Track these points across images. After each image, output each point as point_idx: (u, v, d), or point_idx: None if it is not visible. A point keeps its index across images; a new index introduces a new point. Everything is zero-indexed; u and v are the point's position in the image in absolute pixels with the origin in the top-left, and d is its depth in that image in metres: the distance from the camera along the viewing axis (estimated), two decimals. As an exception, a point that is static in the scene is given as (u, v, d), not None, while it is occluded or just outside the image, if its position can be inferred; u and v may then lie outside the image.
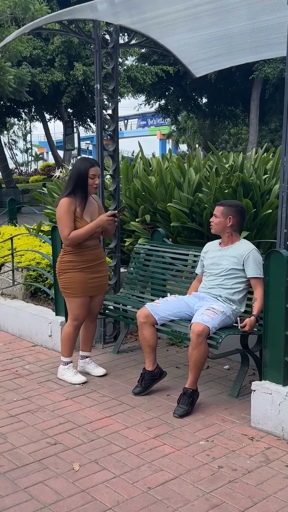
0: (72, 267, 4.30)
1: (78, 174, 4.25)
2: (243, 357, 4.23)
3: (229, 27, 4.93)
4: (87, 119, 26.19)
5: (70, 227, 4.21)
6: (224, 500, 2.89)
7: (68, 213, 4.21)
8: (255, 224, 5.91)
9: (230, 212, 4.16)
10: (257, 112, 26.95)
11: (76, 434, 3.61)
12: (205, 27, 4.97)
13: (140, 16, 4.89)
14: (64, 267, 4.33)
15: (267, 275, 3.60)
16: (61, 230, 4.25)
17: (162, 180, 6.42)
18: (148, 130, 54.29)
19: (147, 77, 22.26)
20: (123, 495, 2.94)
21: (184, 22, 4.85)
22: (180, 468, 3.20)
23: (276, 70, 23.60)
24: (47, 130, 29.16)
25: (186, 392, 3.94)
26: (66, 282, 4.32)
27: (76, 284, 4.30)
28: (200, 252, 4.70)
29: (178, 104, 30.21)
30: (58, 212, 4.24)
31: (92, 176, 4.27)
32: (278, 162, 6.73)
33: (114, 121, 5.23)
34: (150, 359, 4.18)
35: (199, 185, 6.22)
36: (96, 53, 5.07)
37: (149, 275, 5.19)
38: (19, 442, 3.52)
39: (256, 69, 23.76)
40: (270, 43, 5.02)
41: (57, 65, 19.96)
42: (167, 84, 28.75)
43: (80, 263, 4.31)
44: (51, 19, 4.77)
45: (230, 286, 4.12)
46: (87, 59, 20.36)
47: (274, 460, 3.27)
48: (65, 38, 19.20)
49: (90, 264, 4.35)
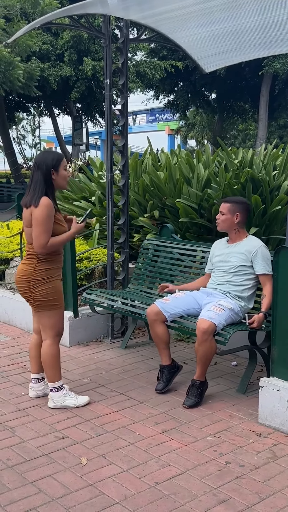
0: (51, 275, 3.78)
1: (47, 171, 3.69)
2: (251, 353, 4.23)
3: (240, 22, 4.91)
4: (95, 114, 26.14)
5: (50, 233, 3.67)
6: (231, 496, 2.89)
7: (51, 217, 3.66)
8: (264, 220, 5.89)
9: (237, 209, 4.15)
10: (266, 108, 26.82)
11: (84, 429, 3.63)
12: (215, 22, 4.95)
13: (151, 11, 4.88)
14: (41, 277, 3.75)
15: (276, 272, 3.60)
16: (38, 236, 3.63)
17: (171, 176, 6.41)
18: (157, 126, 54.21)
19: (156, 72, 22.17)
20: (131, 489, 2.95)
21: (194, 17, 4.84)
22: (188, 464, 3.20)
23: (286, 66, 23.47)
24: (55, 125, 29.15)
25: (195, 384, 3.97)
26: (46, 293, 3.76)
27: (58, 294, 3.82)
28: (208, 248, 4.71)
29: (187, 99, 30.10)
30: (39, 214, 3.62)
31: (65, 168, 3.81)
32: (287, 158, 6.71)
33: (123, 116, 5.22)
34: (165, 354, 4.20)
35: (208, 180, 6.20)
36: (106, 48, 5.07)
37: (158, 270, 5.19)
38: (27, 436, 3.54)
39: (265, 64, 23.63)
40: (281, 38, 5.00)
41: (66, 60, 19.91)
42: (176, 79, 28.65)
43: (57, 270, 3.85)
44: (62, 13, 4.77)
45: (239, 283, 4.11)
46: (96, 54, 20.30)
47: (282, 457, 3.27)
48: (75, 33, 19.15)
49: (60, 271, 3.93)
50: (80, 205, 7.03)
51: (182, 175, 6.37)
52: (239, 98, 29.95)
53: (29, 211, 3.70)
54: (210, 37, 5.29)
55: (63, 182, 3.79)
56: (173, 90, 30.19)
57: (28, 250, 3.81)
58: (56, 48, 19.92)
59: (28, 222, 3.74)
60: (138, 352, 5.03)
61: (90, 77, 20.08)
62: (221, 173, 6.14)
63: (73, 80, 20.37)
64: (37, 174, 3.68)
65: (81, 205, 7.02)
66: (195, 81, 27.34)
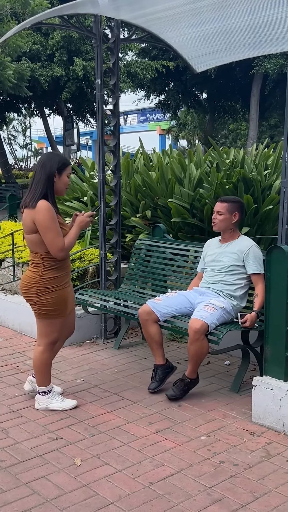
0: (57, 284, 3.67)
1: (51, 173, 3.58)
2: (244, 352, 4.24)
3: (230, 22, 4.91)
4: (86, 114, 26.12)
5: (61, 234, 3.57)
6: (225, 495, 2.90)
7: (55, 218, 3.54)
8: (256, 220, 5.91)
9: (235, 209, 4.17)
10: (257, 108, 26.88)
11: (78, 429, 3.62)
12: (206, 22, 4.95)
13: (141, 11, 4.87)
14: (47, 285, 3.64)
15: (269, 271, 3.61)
16: (53, 241, 3.53)
17: (163, 176, 6.42)
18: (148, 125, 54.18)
19: (147, 72, 22.18)
20: (125, 489, 2.95)
21: (185, 17, 4.84)
22: (182, 463, 3.20)
23: (276, 66, 23.53)
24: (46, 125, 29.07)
25: (184, 379, 4.00)
26: (50, 303, 3.67)
27: (61, 303, 3.71)
28: (200, 248, 4.72)
29: (178, 99, 30.13)
30: (44, 220, 3.50)
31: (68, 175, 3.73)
32: (279, 158, 6.74)
33: (115, 116, 5.22)
34: (159, 354, 4.20)
35: (200, 180, 6.22)
36: (97, 48, 5.06)
37: (150, 270, 5.20)
38: (20, 437, 3.53)
39: (256, 64, 23.68)
40: (271, 38, 5.01)
41: (56, 60, 19.88)
42: (167, 79, 28.66)
43: (65, 277, 3.73)
44: (53, 13, 4.75)
45: (232, 282, 4.12)
46: (87, 54, 20.28)
47: (275, 455, 3.28)
48: (65, 33, 19.12)
49: (68, 277, 3.83)
50: (72, 206, 7.02)
51: (174, 175, 6.38)
52: (230, 98, 30.00)
53: (28, 216, 3.56)
54: (201, 37, 5.29)
55: (62, 188, 3.69)
56: (164, 90, 30.20)
57: (33, 259, 3.70)
58: (46, 48, 19.89)
59: (29, 228, 3.60)
60: (131, 352, 5.02)
61: (81, 77, 20.06)
62: (213, 173, 6.16)
63: (64, 80, 20.35)
64: (40, 173, 3.58)
65: (73, 206, 7.01)
66: (186, 81, 27.35)
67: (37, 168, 3.62)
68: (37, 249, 3.64)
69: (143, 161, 7.07)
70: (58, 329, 3.82)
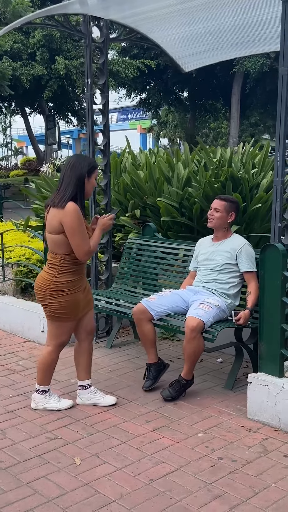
0: (70, 288, 3.64)
1: (81, 175, 3.58)
2: (237, 350, 4.28)
3: (218, 22, 4.96)
4: (68, 113, 26.06)
5: (87, 237, 3.57)
6: (226, 491, 2.93)
7: (82, 222, 3.54)
8: (245, 218, 5.95)
9: (232, 209, 4.22)
10: (238, 106, 27.06)
11: (75, 429, 3.63)
12: (194, 22, 4.99)
13: (130, 10, 4.90)
14: (60, 288, 3.62)
15: (263, 269, 3.65)
16: (80, 244, 3.52)
17: (151, 175, 6.43)
18: (129, 124, 54.13)
19: (129, 71, 22.20)
20: (126, 487, 2.97)
21: (173, 17, 4.87)
22: (181, 460, 3.23)
23: (256, 64, 23.72)
24: (27, 124, 28.94)
25: (180, 381, 4.03)
26: (61, 306, 3.65)
27: (72, 307, 3.69)
28: (191, 246, 4.76)
29: (159, 98, 30.20)
30: (72, 222, 3.48)
31: (96, 178, 3.74)
32: (265, 157, 6.79)
33: (105, 115, 5.23)
34: (152, 352, 4.22)
35: (188, 179, 6.24)
36: (86, 47, 5.06)
37: (141, 269, 5.22)
38: (18, 438, 3.53)
39: (237, 63, 23.84)
40: (261, 38, 5.06)
41: (38, 59, 19.82)
42: (148, 78, 28.71)
43: (79, 282, 3.70)
44: (43, 13, 4.76)
45: (225, 281, 4.16)
46: (68, 53, 20.25)
47: (272, 451, 3.33)
48: (46, 32, 19.06)
49: (83, 281, 3.80)
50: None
51: (162, 174, 6.40)
52: (211, 96, 30.16)
53: (55, 215, 3.53)
54: (189, 36, 5.33)
55: (90, 191, 3.67)
56: (145, 88, 30.25)
57: (50, 260, 3.66)
58: (27, 47, 19.81)
59: (52, 228, 3.57)
60: (124, 351, 5.04)
61: (63, 76, 20.01)
62: (201, 171, 6.18)
63: (45, 79, 20.28)
64: (70, 175, 3.56)
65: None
66: (167, 79, 27.44)
67: (66, 170, 3.59)
68: (58, 250, 3.61)
69: (131, 161, 7.08)
70: (68, 332, 3.81)
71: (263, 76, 24.66)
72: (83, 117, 25.65)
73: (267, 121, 29.29)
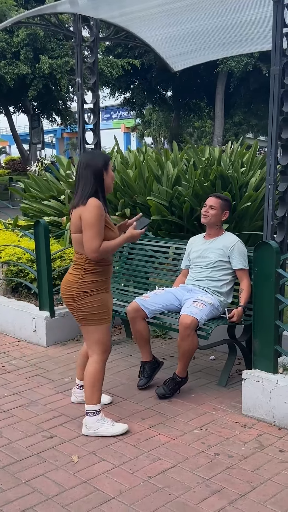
0: (96, 288, 3.48)
1: (98, 170, 3.43)
2: (230, 347, 4.32)
3: (208, 22, 5.00)
4: (52, 112, 25.98)
5: (102, 237, 3.38)
6: (224, 486, 2.97)
7: (102, 219, 3.37)
8: (234, 217, 6.00)
9: (226, 207, 4.27)
10: (222, 105, 27.15)
11: (71, 427, 3.64)
12: (184, 22, 5.03)
13: (120, 10, 4.92)
14: (86, 289, 3.47)
15: (257, 266, 3.69)
16: (90, 239, 3.35)
17: (140, 174, 6.46)
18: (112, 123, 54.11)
19: (114, 70, 22.19)
20: (125, 484, 2.99)
21: (163, 17, 4.90)
22: (178, 457, 3.26)
23: (240, 64, 23.81)
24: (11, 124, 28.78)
25: (175, 378, 4.06)
26: (91, 307, 3.47)
27: (104, 307, 3.52)
28: (181, 244, 4.79)
29: (143, 97, 30.20)
30: (90, 216, 3.34)
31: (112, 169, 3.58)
32: (253, 155, 6.85)
33: (95, 114, 5.25)
34: (146, 350, 4.24)
35: (177, 178, 6.28)
36: (77, 47, 5.08)
37: (133, 268, 5.24)
38: (14, 437, 3.53)
39: (221, 62, 23.91)
40: (249, 38, 5.12)
41: (22, 58, 19.71)
42: (132, 77, 28.70)
43: (105, 282, 3.54)
44: (33, 13, 4.77)
45: (218, 278, 4.20)
46: (52, 52, 20.18)
47: (268, 446, 3.37)
48: (30, 31, 18.97)
49: (108, 284, 3.63)
50: (50, 205, 7.00)
51: (152, 173, 6.43)
52: (195, 95, 30.23)
53: (77, 214, 3.41)
54: (179, 36, 5.36)
55: (110, 183, 3.54)
56: (129, 87, 30.23)
57: (76, 260, 3.53)
58: (11, 46, 19.69)
59: (76, 227, 3.45)
60: (117, 350, 5.05)
61: (47, 75, 19.93)
62: (190, 170, 6.23)
63: (30, 78, 20.19)
64: (86, 174, 3.42)
65: (51, 205, 6.99)
66: (151, 78, 27.46)
67: (80, 170, 3.46)
68: (82, 250, 3.45)
69: (120, 160, 7.10)
70: (106, 335, 3.57)
71: (247, 75, 24.79)
72: (67, 116, 25.62)
73: (250, 120, 29.45)
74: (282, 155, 3.94)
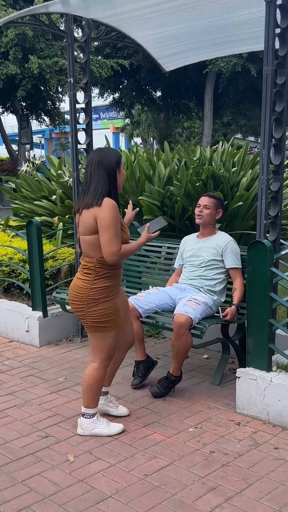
0: (108, 293, 3.35)
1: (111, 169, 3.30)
2: (224, 345, 4.34)
3: (200, 22, 5.01)
4: (41, 113, 25.89)
5: (120, 238, 3.24)
6: (219, 483, 2.98)
7: (118, 220, 3.25)
8: (226, 216, 6.03)
9: (219, 205, 4.31)
10: (211, 106, 27.20)
11: (66, 427, 3.65)
12: (176, 22, 5.03)
13: (112, 10, 4.92)
14: (98, 295, 3.33)
15: (250, 265, 3.71)
16: (109, 242, 3.19)
17: (132, 174, 6.47)
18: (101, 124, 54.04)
19: (103, 71, 22.15)
20: (121, 483, 3.00)
21: (155, 17, 4.90)
22: (173, 455, 3.28)
23: (229, 64, 23.86)
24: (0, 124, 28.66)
25: (169, 377, 4.08)
26: (102, 314, 3.34)
27: (113, 314, 3.38)
28: (174, 244, 4.82)
29: (132, 97, 30.19)
30: (107, 218, 3.19)
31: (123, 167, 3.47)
32: (245, 155, 6.89)
33: (87, 114, 5.24)
34: (140, 349, 4.26)
35: (169, 178, 6.30)
36: (69, 47, 5.06)
37: (125, 267, 5.24)
38: (10, 437, 3.53)
39: (209, 63, 23.95)
40: (241, 38, 5.13)
41: (11, 58, 19.61)
42: (121, 77, 28.68)
43: (116, 287, 3.41)
44: (26, 13, 4.76)
45: (211, 277, 4.22)
46: (41, 52, 20.10)
47: (263, 443, 3.39)
48: (19, 31, 18.89)
49: (120, 287, 3.51)
50: (41, 205, 6.99)
51: (144, 173, 6.44)
52: (184, 96, 30.25)
53: (90, 215, 3.25)
54: (170, 36, 5.37)
55: (122, 183, 3.43)
56: (118, 88, 30.20)
57: (85, 264, 3.37)
58: (0, 46, 19.59)
59: (89, 229, 3.28)
60: (110, 349, 5.06)
61: (36, 75, 19.85)
62: (182, 170, 6.24)
63: (18, 79, 20.10)
64: (98, 172, 3.26)
65: (42, 205, 6.98)
66: (140, 79, 27.44)
67: (92, 169, 3.30)
68: (93, 253, 3.32)
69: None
70: (114, 343, 3.47)
71: (236, 75, 24.84)
72: (56, 116, 25.55)
73: (239, 120, 29.52)
74: (274, 154, 3.96)
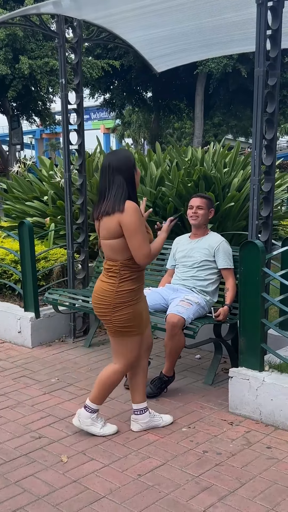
0: (132, 297, 3.30)
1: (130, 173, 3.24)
2: (216, 346, 4.36)
3: (191, 24, 5.03)
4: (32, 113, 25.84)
5: (148, 239, 3.24)
6: (213, 483, 2.99)
7: (143, 222, 3.23)
8: (218, 217, 6.05)
9: (211, 205, 4.37)
10: (201, 106, 27.25)
11: (59, 427, 3.65)
12: (167, 24, 5.05)
13: (103, 11, 4.93)
14: (123, 299, 3.28)
15: (243, 265, 3.72)
16: (140, 245, 3.17)
17: (124, 175, 6.47)
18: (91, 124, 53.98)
19: (94, 71, 22.14)
20: (115, 483, 3.01)
21: (147, 18, 4.92)
22: (167, 455, 3.29)
23: (219, 65, 23.90)
24: (-10, 125, 28.60)
25: (162, 377, 4.09)
26: (127, 319, 3.30)
27: (139, 318, 3.35)
28: (166, 244, 4.82)
29: (123, 98, 30.19)
30: (133, 221, 3.14)
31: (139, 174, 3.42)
32: (236, 156, 6.91)
33: (79, 115, 5.25)
34: None
35: (161, 179, 6.31)
36: (60, 47, 5.07)
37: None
38: (3, 438, 3.52)
39: (200, 63, 24.00)
40: (233, 39, 5.16)
41: (1, 59, 19.55)
42: (112, 78, 28.68)
43: (140, 291, 3.37)
44: (18, 13, 4.76)
45: (203, 278, 4.23)
46: (32, 52, 20.06)
47: (255, 443, 3.41)
48: (10, 31, 18.85)
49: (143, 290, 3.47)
50: (33, 205, 6.98)
51: (135, 173, 6.45)
52: (174, 96, 30.28)
53: (114, 220, 3.18)
54: (162, 37, 5.38)
55: (139, 180, 3.37)
56: (108, 88, 30.19)
57: (109, 268, 3.31)
58: (-10, 46, 19.53)
59: (113, 233, 3.21)
60: (102, 350, 5.06)
61: (27, 75, 19.81)
62: (174, 171, 6.26)
63: (9, 79, 20.05)
64: (117, 177, 3.19)
65: (34, 205, 6.97)
66: (131, 79, 27.44)
67: (108, 174, 3.22)
68: (117, 256, 3.26)
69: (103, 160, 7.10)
70: (137, 348, 3.43)
71: (226, 76, 24.90)
72: (47, 117, 25.50)
73: (230, 121, 29.59)
74: (266, 155, 3.99)
